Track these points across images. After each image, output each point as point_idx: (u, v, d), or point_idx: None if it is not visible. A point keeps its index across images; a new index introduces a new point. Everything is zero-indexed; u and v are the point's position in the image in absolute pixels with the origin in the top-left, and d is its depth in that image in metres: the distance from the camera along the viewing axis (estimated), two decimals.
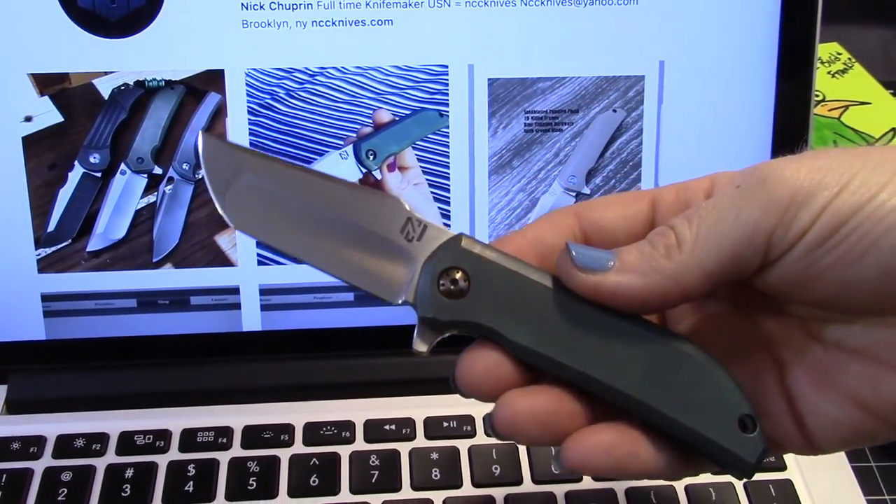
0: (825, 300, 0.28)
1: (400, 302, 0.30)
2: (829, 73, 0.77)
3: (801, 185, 0.27)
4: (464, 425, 0.45)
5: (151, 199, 0.47)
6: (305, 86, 0.47)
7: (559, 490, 0.42)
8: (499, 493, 0.42)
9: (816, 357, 0.30)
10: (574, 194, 0.49)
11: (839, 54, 0.79)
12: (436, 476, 0.43)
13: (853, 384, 0.29)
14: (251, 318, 0.48)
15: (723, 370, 0.29)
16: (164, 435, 0.45)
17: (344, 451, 0.44)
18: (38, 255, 0.47)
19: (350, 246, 0.30)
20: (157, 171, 0.47)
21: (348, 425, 0.45)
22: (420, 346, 0.29)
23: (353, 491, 0.43)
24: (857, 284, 0.27)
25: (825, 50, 0.79)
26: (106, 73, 0.46)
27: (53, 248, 0.47)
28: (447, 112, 0.47)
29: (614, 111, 0.48)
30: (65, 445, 0.44)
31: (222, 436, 0.45)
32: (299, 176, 0.30)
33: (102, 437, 0.44)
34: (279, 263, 0.48)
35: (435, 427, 0.45)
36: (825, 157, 0.27)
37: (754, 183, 0.27)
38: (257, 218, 0.30)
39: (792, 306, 0.30)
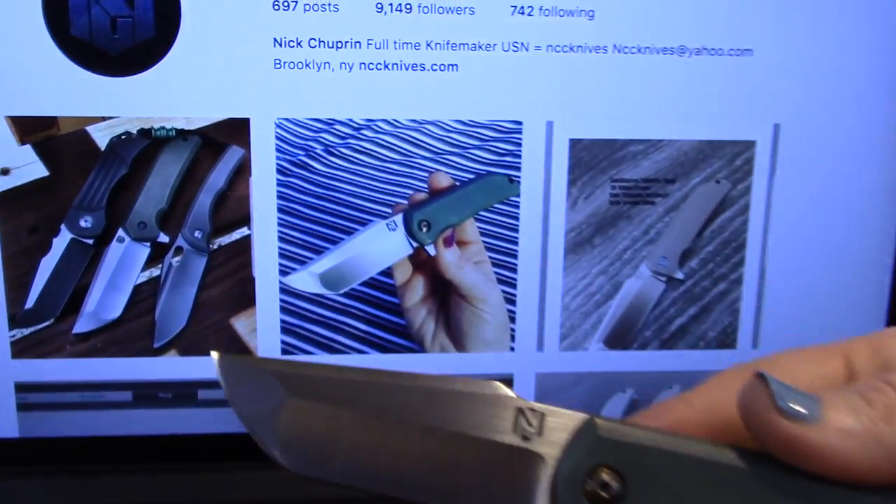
0: None
1: None
2: None
3: None
4: None
5: (155, 272, 0.41)
6: (348, 141, 0.40)
7: None
8: None
9: None
10: (664, 279, 0.42)
11: None
12: None
13: None
14: None
15: None
16: None
17: None
18: (13, 336, 0.41)
19: (447, 461, 0.23)
20: (163, 239, 0.41)
21: None
22: None
23: None
24: None
25: None
26: (103, 119, 0.40)
27: (32, 329, 0.41)
28: (519, 178, 0.41)
29: (717, 182, 0.42)
30: None
31: None
32: (357, 384, 0.24)
33: None
34: (307, 352, 0.41)
35: None
36: None
37: None
38: (320, 452, 0.24)
39: None
